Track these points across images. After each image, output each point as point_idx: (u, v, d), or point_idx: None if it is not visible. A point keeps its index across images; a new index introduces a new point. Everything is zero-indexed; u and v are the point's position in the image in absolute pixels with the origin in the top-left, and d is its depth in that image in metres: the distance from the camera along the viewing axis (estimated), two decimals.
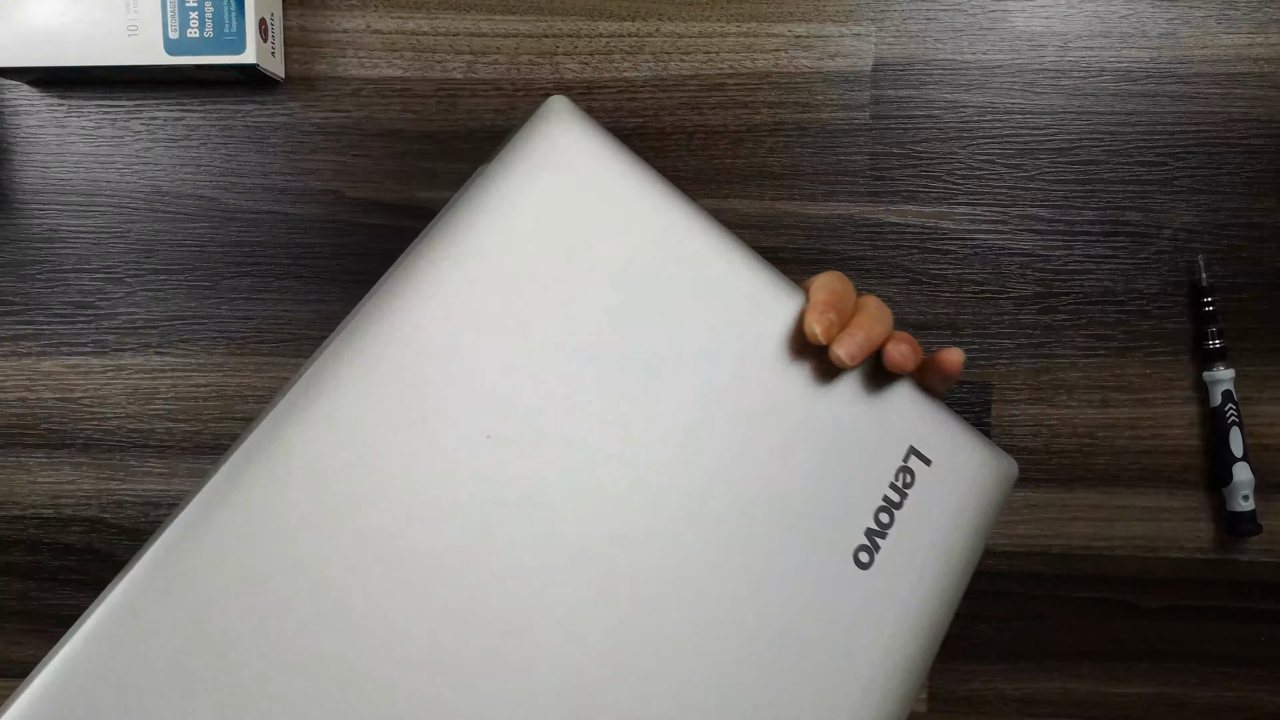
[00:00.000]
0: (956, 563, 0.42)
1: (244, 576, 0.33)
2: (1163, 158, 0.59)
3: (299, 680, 0.33)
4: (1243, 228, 0.59)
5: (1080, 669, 0.60)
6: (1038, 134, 0.59)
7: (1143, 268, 0.59)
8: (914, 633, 0.40)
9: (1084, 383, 0.59)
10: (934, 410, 0.43)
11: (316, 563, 0.34)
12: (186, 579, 0.33)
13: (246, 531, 0.33)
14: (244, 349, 0.61)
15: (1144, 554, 0.59)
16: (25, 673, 0.62)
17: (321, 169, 0.60)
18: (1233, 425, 0.57)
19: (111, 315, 0.61)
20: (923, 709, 0.60)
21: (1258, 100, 0.58)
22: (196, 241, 0.61)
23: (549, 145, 0.39)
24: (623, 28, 0.59)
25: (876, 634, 0.40)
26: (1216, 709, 0.60)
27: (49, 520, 0.62)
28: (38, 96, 0.61)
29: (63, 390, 0.61)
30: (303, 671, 0.33)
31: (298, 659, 0.33)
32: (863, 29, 0.59)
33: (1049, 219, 0.59)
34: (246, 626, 0.33)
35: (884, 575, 0.41)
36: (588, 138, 0.40)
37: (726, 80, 0.59)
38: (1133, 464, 0.59)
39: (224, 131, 0.60)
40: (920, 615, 0.41)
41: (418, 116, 0.60)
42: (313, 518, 0.34)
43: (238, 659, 0.33)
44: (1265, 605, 0.59)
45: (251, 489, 0.34)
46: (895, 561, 0.41)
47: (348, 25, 0.60)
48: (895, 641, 0.40)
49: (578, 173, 0.39)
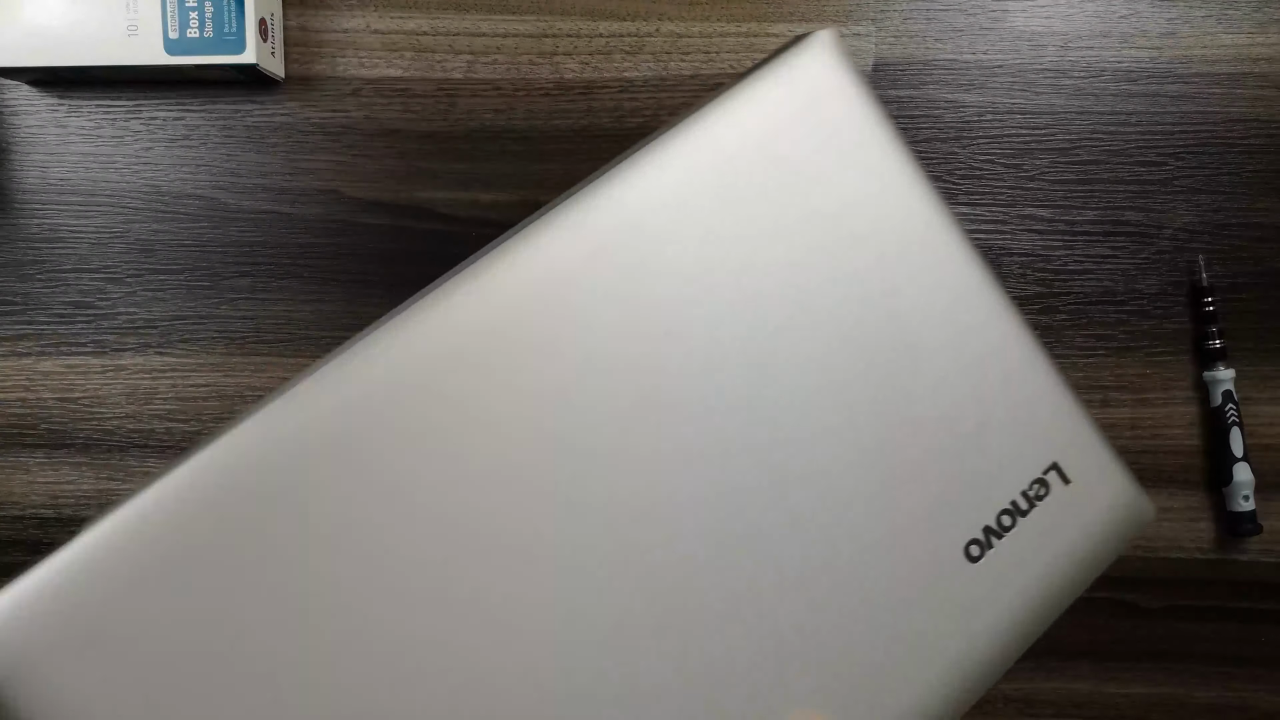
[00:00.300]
0: (1060, 587, 0.41)
1: (329, 475, 0.33)
2: (1163, 158, 0.59)
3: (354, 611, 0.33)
4: (1243, 228, 0.59)
5: (1080, 669, 0.60)
6: (1038, 134, 0.59)
7: (1143, 268, 0.59)
8: (999, 641, 0.40)
9: (1084, 383, 0.59)
10: (1089, 433, 0.42)
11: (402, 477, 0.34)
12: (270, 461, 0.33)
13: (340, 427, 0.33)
14: (244, 349, 0.61)
15: (1144, 554, 0.59)
16: None
17: (321, 169, 0.60)
18: (1233, 425, 0.57)
19: (111, 315, 0.61)
20: None
21: (1258, 100, 0.58)
22: (196, 241, 0.61)
23: (802, 75, 0.38)
24: (623, 28, 0.59)
25: (964, 631, 0.39)
26: (1216, 709, 0.60)
27: (49, 520, 0.62)
28: (38, 96, 0.60)
29: (62, 390, 0.61)
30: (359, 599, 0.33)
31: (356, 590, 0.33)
32: (863, 29, 0.59)
33: (1049, 219, 0.59)
34: (311, 529, 0.33)
35: (988, 576, 0.40)
36: (847, 84, 0.39)
37: (726, 80, 0.59)
38: (1133, 464, 0.59)
39: (224, 131, 0.60)
40: (1010, 626, 0.40)
41: (418, 116, 0.60)
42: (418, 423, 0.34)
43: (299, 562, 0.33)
44: (1265, 605, 0.59)
45: (374, 376, 0.34)
46: (1003, 566, 0.40)
47: (348, 25, 0.60)
48: (978, 643, 0.39)
49: (820, 116, 0.38)
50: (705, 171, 0.37)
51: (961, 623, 0.39)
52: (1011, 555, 0.40)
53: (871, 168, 0.39)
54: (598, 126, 0.59)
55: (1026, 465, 0.41)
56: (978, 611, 0.39)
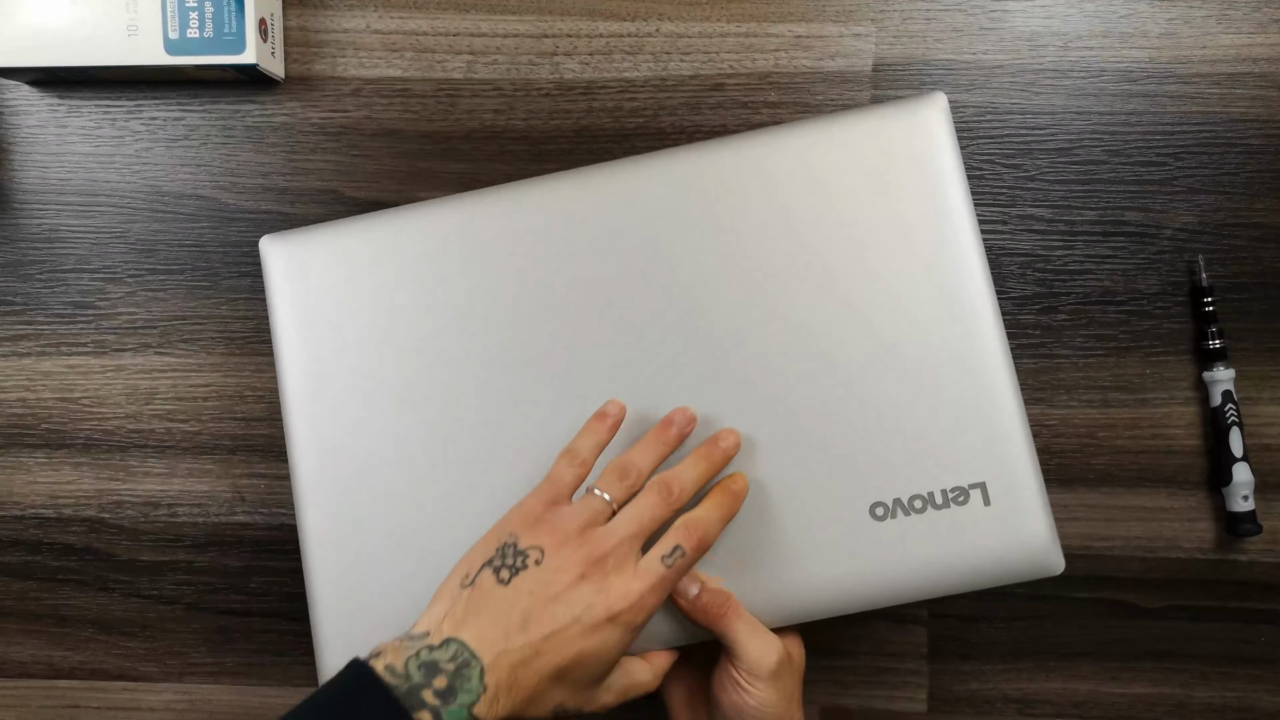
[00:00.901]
0: (932, 581, 0.47)
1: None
2: (1163, 158, 0.59)
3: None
4: (1243, 228, 0.59)
5: (1080, 669, 0.60)
6: (1038, 134, 0.59)
7: (1143, 268, 0.59)
8: (866, 585, 0.47)
9: (1084, 383, 0.59)
10: (1030, 478, 0.47)
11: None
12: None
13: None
14: (244, 349, 0.61)
15: (1144, 554, 0.59)
16: (25, 673, 0.62)
17: (321, 169, 0.60)
18: (1232, 425, 0.57)
19: (111, 315, 0.61)
20: (922, 709, 0.60)
21: (1258, 100, 0.58)
22: (196, 241, 0.61)
23: (907, 125, 0.48)
24: (623, 28, 0.59)
25: (846, 561, 0.47)
26: (1216, 709, 0.60)
27: (49, 520, 0.62)
28: (38, 96, 0.61)
29: (62, 390, 0.61)
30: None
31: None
32: (863, 29, 0.59)
33: (1049, 219, 0.59)
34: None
35: (881, 536, 0.47)
36: (946, 150, 0.48)
37: (726, 80, 0.59)
38: (1132, 464, 0.59)
39: (224, 131, 0.60)
40: (878, 582, 0.47)
41: (418, 116, 0.60)
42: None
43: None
44: (1265, 605, 0.59)
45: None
46: (895, 536, 0.47)
47: (348, 25, 0.60)
48: (851, 578, 0.47)
49: (914, 156, 0.48)
50: (804, 163, 0.49)
51: (845, 555, 0.47)
52: (906, 532, 0.47)
53: (931, 201, 0.48)
54: (598, 126, 0.59)
55: (957, 472, 0.47)
56: (860, 555, 0.47)
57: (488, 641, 0.42)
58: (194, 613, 0.61)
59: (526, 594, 0.43)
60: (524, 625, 0.42)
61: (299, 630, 0.61)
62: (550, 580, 0.43)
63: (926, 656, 0.60)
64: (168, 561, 0.61)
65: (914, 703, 0.60)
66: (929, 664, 0.60)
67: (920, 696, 0.60)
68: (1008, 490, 0.46)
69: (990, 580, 0.47)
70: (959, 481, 0.47)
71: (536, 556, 0.44)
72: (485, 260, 0.50)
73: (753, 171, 0.49)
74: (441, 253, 0.50)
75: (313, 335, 0.51)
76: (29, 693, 0.62)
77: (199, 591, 0.61)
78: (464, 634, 0.42)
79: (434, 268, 0.50)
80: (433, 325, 0.50)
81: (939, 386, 0.47)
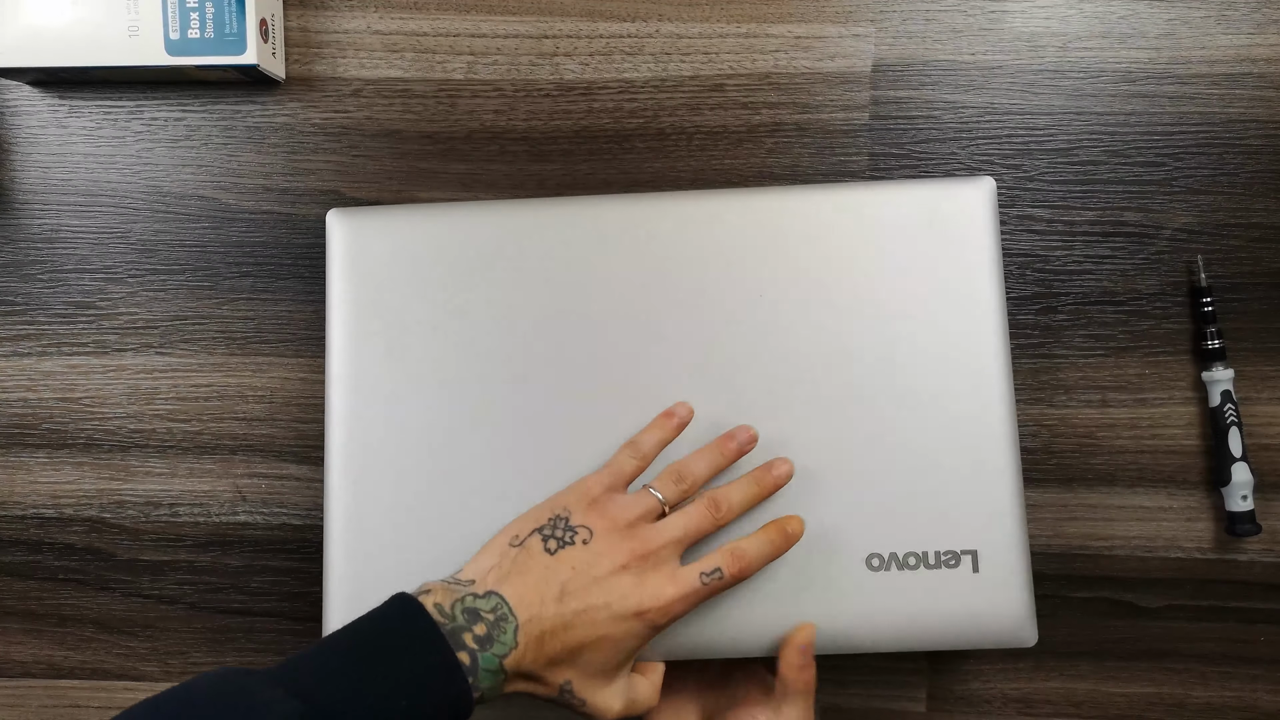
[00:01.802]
0: (914, 635, 0.51)
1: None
2: (1162, 158, 0.59)
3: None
4: (1242, 228, 0.59)
5: (1080, 669, 0.60)
6: (1037, 134, 0.59)
7: (1142, 268, 0.59)
8: (854, 630, 0.51)
9: (1083, 383, 0.59)
10: (1019, 551, 0.51)
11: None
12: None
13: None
14: (244, 349, 0.61)
15: (1143, 554, 0.59)
16: (27, 673, 0.62)
17: (321, 169, 0.60)
18: (1232, 425, 0.57)
19: (112, 315, 0.61)
20: (921, 709, 0.60)
21: (1257, 101, 0.58)
22: (197, 242, 0.61)
23: (955, 203, 0.52)
24: (623, 28, 0.59)
25: (835, 603, 0.50)
26: (1215, 708, 0.60)
27: (50, 520, 0.62)
28: (38, 96, 0.61)
29: (64, 390, 0.61)
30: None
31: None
32: (862, 30, 0.59)
33: (1048, 219, 0.59)
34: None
35: (873, 586, 0.51)
36: (987, 230, 0.52)
37: (726, 81, 0.59)
38: (1132, 464, 0.59)
39: (224, 132, 0.60)
40: (866, 628, 0.51)
41: (418, 117, 0.60)
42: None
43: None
44: (1265, 605, 0.59)
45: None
46: (888, 587, 0.51)
47: (348, 26, 0.60)
48: (840, 620, 0.51)
49: (954, 239, 0.52)
50: (857, 218, 0.53)
51: (837, 597, 0.51)
52: (898, 586, 0.51)
53: (967, 276, 0.52)
54: (598, 127, 0.59)
55: (953, 537, 0.51)
56: (852, 600, 0.51)
57: (526, 602, 0.43)
58: (195, 612, 0.61)
59: (569, 568, 0.45)
60: (561, 596, 0.44)
61: (300, 630, 0.61)
62: (593, 562, 0.45)
63: (926, 657, 0.60)
64: (169, 561, 0.61)
65: (914, 702, 0.60)
66: (929, 664, 0.60)
67: (920, 696, 0.60)
68: (996, 562, 0.51)
69: (965, 642, 0.51)
70: (953, 546, 0.51)
71: (585, 536, 0.46)
72: (545, 264, 0.53)
73: (798, 221, 0.53)
74: (501, 250, 0.53)
75: (366, 308, 0.53)
76: (30, 692, 0.62)
77: (200, 591, 0.61)
78: (505, 590, 0.44)
79: (492, 263, 0.53)
80: (482, 317, 0.53)
81: (947, 455, 0.51)
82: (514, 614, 0.43)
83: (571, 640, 0.44)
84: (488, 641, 0.42)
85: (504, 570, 0.45)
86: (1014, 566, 0.51)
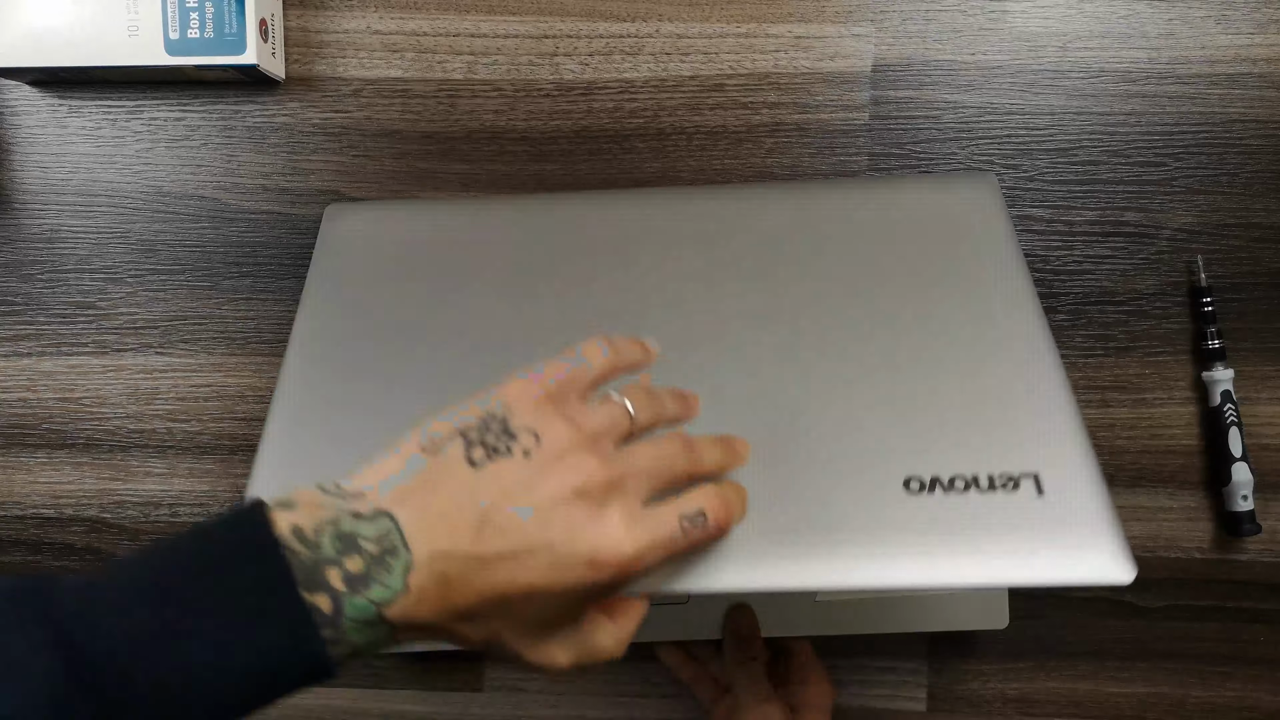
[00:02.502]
0: (964, 570, 0.40)
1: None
2: (1162, 158, 0.59)
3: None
4: (1242, 228, 0.59)
5: (1080, 669, 0.60)
6: (1037, 134, 0.59)
7: (1142, 268, 0.59)
8: (890, 565, 0.41)
9: (1083, 383, 0.59)
10: (1090, 469, 0.42)
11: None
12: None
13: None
14: (244, 349, 0.61)
15: (1143, 554, 0.59)
16: None
17: (321, 169, 0.60)
18: (1231, 425, 0.57)
19: (112, 315, 0.61)
20: (922, 709, 0.60)
21: (1257, 100, 0.58)
22: (197, 242, 0.61)
23: (960, 198, 0.52)
24: (623, 28, 0.59)
25: (870, 529, 0.41)
26: (1215, 708, 0.60)
27: (50, 520, 0.62)
28: (38, 96, 0.61)
29: (63, 390, 0.61)
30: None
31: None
32: (862, 29, 0.59)
33: (1048, 219, 0.59)
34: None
35: (912, 510, 0.41)
36: (1001, 224, 0.51)
37: (726, 80, 0.59)
38: (1131, 464, 0.59)
39: (224, 132, 0.60)
40: (902, 561, 0.40)
41: (418, 117, 0.60)
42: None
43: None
44: (1265, 605, 0.59)
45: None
46: (930, 513, 0.41)
47: (348, 26, 0.60)
48: (878, 551, 0.41)
49: (964, 235, 0.51)
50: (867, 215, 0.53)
51: (873, 523, 0.41)
52: (943, 511, 0.41)
53: (988, 252, 0.50)
54: (598, 127, 0.59)
55: (1008, 459, 0.42)
56: (888, 528, 0.40)
57: (426, 533, 0.32)
58: None
59: (498, 489, 0.33)
60: (479, 528, 0.32)
61: None
62: (535, 482, 0.33)
63: (926, 656, 0.60)
64: None
65: (914, 702, 0.60)
66: (929, 664, 0.60)
67: (920, 696, 0.60)
68: (1065, 486, 0.41)
69: (1046, 579, 0.40)
70: (1009, 469, 0.42)
71: (528, 445, 0.33)
72: (536, 258, 0.52)
73: (807, 215, 0.53)
74: (494, 244, 0.53)
75: (339, 295, 0.52)
76: None
77: None
78: (402, 512, 0.32)
79: (483, 258, 0.52)
80: (462, 313, 0.51)
81: (993, 373, 0.44)
82: (407, 547, 0.32)
83: (489, 589, 0.32)
84: (362, 582, 0.31)
85: (407, 484, 0.33)
86: (1089, 491, 0.41)
